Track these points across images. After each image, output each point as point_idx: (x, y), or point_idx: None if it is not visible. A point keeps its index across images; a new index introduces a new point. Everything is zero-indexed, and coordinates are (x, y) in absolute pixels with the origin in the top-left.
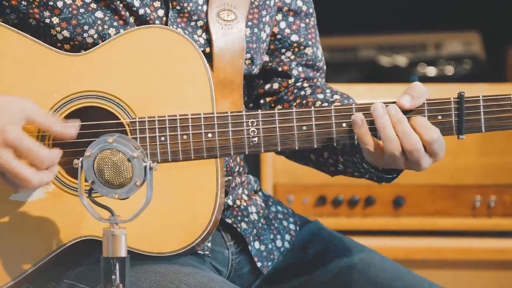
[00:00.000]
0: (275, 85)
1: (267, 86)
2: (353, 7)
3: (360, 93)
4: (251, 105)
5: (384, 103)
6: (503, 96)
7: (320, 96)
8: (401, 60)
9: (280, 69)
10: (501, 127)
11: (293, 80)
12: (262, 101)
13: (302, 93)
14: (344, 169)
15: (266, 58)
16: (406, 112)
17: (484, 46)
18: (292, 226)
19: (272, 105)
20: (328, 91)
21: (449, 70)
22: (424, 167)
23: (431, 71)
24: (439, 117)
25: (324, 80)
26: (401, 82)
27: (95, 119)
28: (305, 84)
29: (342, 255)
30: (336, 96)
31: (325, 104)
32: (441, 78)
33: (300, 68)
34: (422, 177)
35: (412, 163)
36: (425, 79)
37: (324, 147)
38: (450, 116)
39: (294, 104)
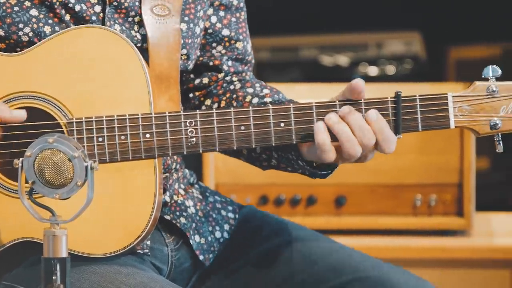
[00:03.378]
0: (205, 80)
1: (197, 81)
2: (294, 7)
3: (302, 92)
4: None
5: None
6: (440, 96)
7: (250, 90)
8: (343, 59)
9: (211, 63)
10: (437, 126)
11: (223, 74)
12: (191, 95)
13: (232, 87)
14: (277, 164)
15: (198, 52)
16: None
17: (424, 46)
18: (231, 215)
19: (202, 99)
20: (257, 85)
21: (390, 69)
22: (369, 159)
23: (373, 70)
24: None
25: (252, 73)
26: (343, 81)
27: (33, 120)
28: (234, 78)
29: (276, 233)
30: (265, 91)
31: (255, 98)
32: (382, 78)
33: (230, 62)
34: (363, 177)
35: (362, 156)
36: (366, 78)
37: (262, 146)
38: (388, 115)
39: (224, 98)
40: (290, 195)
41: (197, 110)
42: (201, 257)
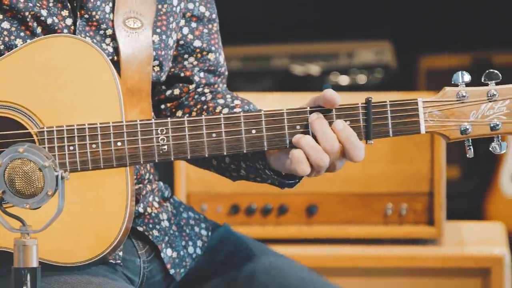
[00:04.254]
0: (176, 91)
1: (169, 92)
2: (266, 16)
3: (273, 102)
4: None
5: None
6: (410, 101)
7: (221, 101)
8: (314, 69)
9: (182, 74)
10: (408, 131)
11: (194, 85)
12: (163, 106)
13: (203, 98)
14: (246, 174)
15: (169, 64)
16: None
17: (395, 55)
18: (204, 232)
19: (173, 110)
20: (228, 96)
21: (362, 79)
22: (339, 169)
23: (344, 80)
24: (348, 123)
25: (225, 85)
26: (314, 91)
27: (3, 129)
28: (206, 90)
29: (251, 259)
30: (236, 102)
31: (226, 109)
32: (353, 87)
33: (202, 74)
34: (334, 186)
35: (330, 165)
36: (337, 88)
37: (233, 154)
38: (358, 121)
39: (195, 109)
40: (261, 204)
41: (168, 118)
42: (171, 271)
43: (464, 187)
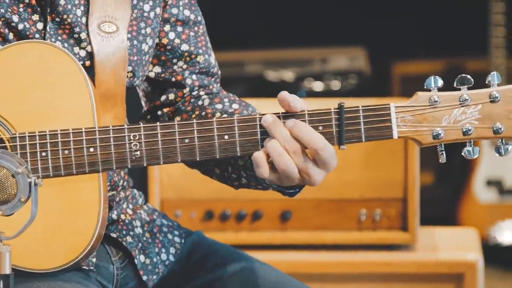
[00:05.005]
0: (171, 96)
1: (163, 98)
2: (239, 22)
3: None
4: (149, 116)
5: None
6: (382, 106)
7: (219, 106)
8: (288, 75)
9: (173, 79)
10: (380, 136)
11: (188, 89)
12: (160, 113)
13: (200, 103)
14: (247, 183)
15: (158, 69)
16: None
17: (369, 61)
18: (177, 239)
19: (171, 115)
20: (226, 100)
21: (335, 85)
22: (317, 179)
23: (318, 85)
24: (320, 128)
25: (219, 84)
26: None
27: None
28: (202, 93)
29: (223, 263)
30: (234, 106)
31: (224, 115)
32: (327, 93)
33: (194, 77)
34: (308, 192)
35: (304, 175)
36: (311, 93)
37: (208, 159)
38: (331, 126)
39: (193, 115)
40: (235, 210)
41: (141, 123)
42: (144, 278)
43: (437, 193)
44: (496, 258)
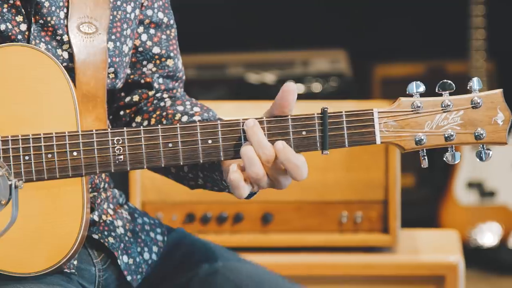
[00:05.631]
0: (135, 97)
1: (128, 99)
2: (221, 24)
3: (228, 110)
4: (110, 117)
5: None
6: (365, 112)
7: (180, 108)
8: (269, 77)
9: (142, 81)
10: (363, 142)
11: (153, 91)
12: (122, 113)
13: (162, 104)
14: (203, 183)
15: (128, 71)
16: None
17: (350, 64)
18: (159, 237)
19: (132, 115)
20: (188, 103)
21: (317, 87)
22: (285, 185)
23: (299, 88)
24: (304, 133)
25: (183, 89)
26: (269, 99)
27: None
28: (165, 95)
29: (206, 260)
30: (196, 109)
31: (185, 116)
32: (308, 95)
33: (161, 80)
34: (290, 194)
35: (276, 183)
36: None
37: (190, 163)
38: (314, 131)
39: (154, 115)
40: (216, 213)
41: (124, 128)
42: (128, 278)
43: (419, 195)
44: (477, 260)
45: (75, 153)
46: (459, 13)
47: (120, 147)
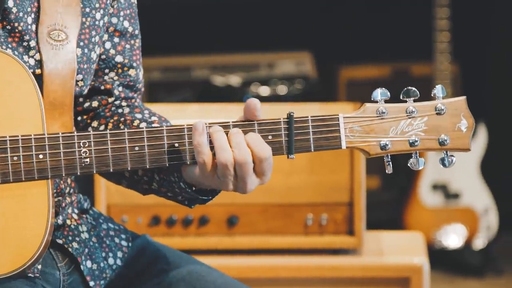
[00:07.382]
0: (95, 103)
1: (87, 104)
2: (186, 27)
3: (194, 113)
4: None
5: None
6: (331, 117)
7: (138, 115)
8: (235, 79)
9: (102, 88)
10: (329, 146)
11: (113, 98)
12: (79, 118)
13: (120, 110)
14: (157, 188)
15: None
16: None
17: (315, 66)
18: (124, 243)
19: (88, 121)
20: (146, 111)
21: (282, 89)
22: (250, 188)
23: (264, 90)
24: (270, 137)
25: (141, 101)
26: (235, 101)
27: None
28: (124, 103)
29: (170, 268)
30: (154, 118)
31: (143, 123)
32: (274, 98)
33: (121, 88)
34: (255, 197)
35: (240, 180)
36: (258, 98)
37: (156, 167)
38: (280, 136)
39: (111, 120)
40: (182, 215)
41: (91, 131)
42: (91, 283)
43: (384, 197)
44: (442, 261)
45: (41, 156)
46: (424, 16)
47: (87, 150)
